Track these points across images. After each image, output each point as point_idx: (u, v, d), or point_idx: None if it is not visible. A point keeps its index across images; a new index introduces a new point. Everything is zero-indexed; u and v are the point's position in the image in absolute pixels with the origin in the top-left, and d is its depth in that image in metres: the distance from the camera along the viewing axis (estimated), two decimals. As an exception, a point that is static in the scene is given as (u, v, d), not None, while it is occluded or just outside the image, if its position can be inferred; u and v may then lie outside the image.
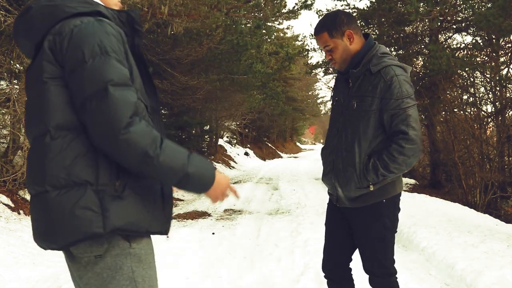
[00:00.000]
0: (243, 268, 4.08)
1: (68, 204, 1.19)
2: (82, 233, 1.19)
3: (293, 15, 11.75)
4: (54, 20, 1.27)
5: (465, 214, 6.84)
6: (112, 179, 1.23)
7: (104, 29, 1.24)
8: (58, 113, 1.22)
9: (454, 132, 10.89)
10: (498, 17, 7.67)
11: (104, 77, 1.18)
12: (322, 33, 2.03)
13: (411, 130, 1.92)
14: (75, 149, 1.21)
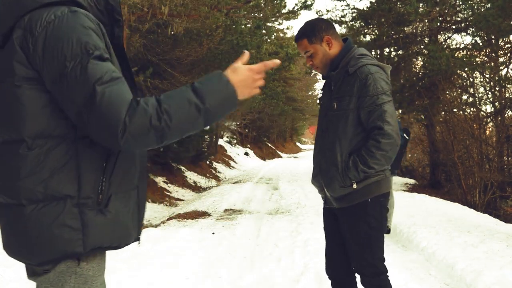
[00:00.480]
0: (243, 268, 4.09)
1: (46, 220, 1.08)
2: (60, 252, 1.10)
3: (293, 15, 11.76)
4: (22, 10, 1.10)
5: (464, 214, 6.85)
6: (95, 191, 1.12)
7: (81, 23, 1.09)
8: (35, 121, 1.08)
9: (454, 132, 10.91)
10: (497, 17, 7.68)
11: (90, 79, 1.05)
12: (302, 40, 2.14)
13: (387, 125, 1.98)
14: (54, 160, 1.08)
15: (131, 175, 1.21)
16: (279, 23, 18.51)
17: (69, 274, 1.14)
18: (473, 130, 10.49)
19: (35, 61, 1.07)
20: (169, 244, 4.78)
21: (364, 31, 14.10)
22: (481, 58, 10.76)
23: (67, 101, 1.07)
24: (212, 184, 14.09)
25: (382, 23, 12.82)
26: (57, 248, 1.09)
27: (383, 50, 14.49)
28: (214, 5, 8.29)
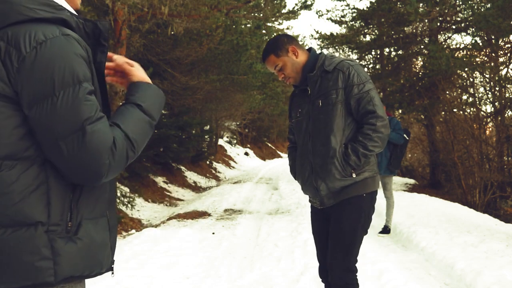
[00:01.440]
0: (243, 268, 4.10)
1: (15, 246, 1.01)
2: (30, 280, 1.03)
3: (293, 16, 11.77)
4: (6, 21, 1.04)
5: (464, 214, 6.85)
6: (64, 218, 1.06)
7: (74, 50, 1.05)
8: (5, 142, 1.02)
9: (454, 132, 10.91)
10: (497, 17, 7.69)
11: (80, 116, 1.01)
12: (269, 56, 2.22)
13: (378, 109, 2.10)
14: (24, 183, 1.02)
15: (102, 202, 1.18)
16: (279, 23, 18.52)
17: None
18: (473, 130, 10.50)
19: (17, 79, 1.01)
20: (169, 244, 4.78)
21: (364, 31, 14.10)
22: (481, 58, 10.77)
23: (44, 128, 1.02)
24: (212, 184, 14.09)
25: (382, 23, 12.83)
26: (27, 276, 1.03)
27: (383, 50, 14.49)
28: (214, 5, 8.29)
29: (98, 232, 1.14)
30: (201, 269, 4.02)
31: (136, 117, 1.15)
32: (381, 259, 4.14)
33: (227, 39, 9.75)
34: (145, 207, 8.99)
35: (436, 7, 10.42)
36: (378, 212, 6.70)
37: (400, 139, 5.26)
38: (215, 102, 14.53)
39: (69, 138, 1.01)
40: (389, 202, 5.43)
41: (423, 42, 12.83)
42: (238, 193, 9.80)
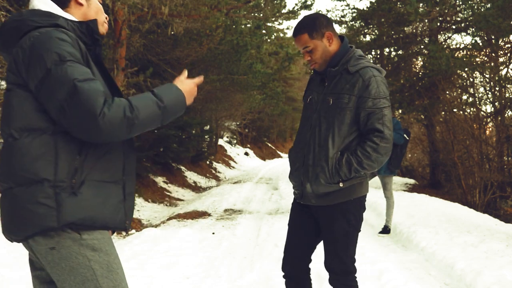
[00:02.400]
0: (243, 268, 4.10)
1: (26, 199, 1.29)
2: (38, 226, 1.29)
3: (293, 16, 11.76)
4: (19, 33, 1.38)
5: (464, 214, 6.85)
6: (69, 176, 1.32)
7: (58, 36, 1.33)
8: (19, 117, 1.33)
9: (454, 132, 10.91)
10: (497, 17, 7.69)
11: (69, 78, 1.27)
12: (302, 34, 2.07)
13: (386, 129, 1.99)
14: (35, 149, 1.31)
15: (114, 169, 1.42)
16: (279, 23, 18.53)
17: (77, 246, 1.33)
18: (473, 130, 10.50)
19: (22, 69, 1.32)
20: (169, 244, 4.78)
21: (364, 31, 14.10)
22: (481, 58, 10.77)
23: (50, 99, 1.29)
24: (212, 184, 14.09)
25: (382, 23, 12.82)
26: (35, 222, 1.29)
27: (383, 50, 14.49)
28: (214, 5, 8.28)
29: (103, 191, 1.37)
30: (201, 269, 4.02)
31: (145, 95, 1.38)
32: (381, 259, 4.14)
33: (227, 39, 9.75)
34: (145, 207, 8.99)
35: (436, 7, 10.42)
36: (378, 212, 6.71)
37: (400, 139, 5.26)
38: (215, 102, 14.54)
39: (68, 98, 1.26)
40: (389, 202, 5.43)
41: (423, 42, 12.83)
42: (238, 193, 9.80)
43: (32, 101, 1.33)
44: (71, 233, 1.33)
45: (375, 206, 7.04)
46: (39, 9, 1.42)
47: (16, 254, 4.14)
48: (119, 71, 7.38)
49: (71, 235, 1.33)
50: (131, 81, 7.67)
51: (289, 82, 30.45)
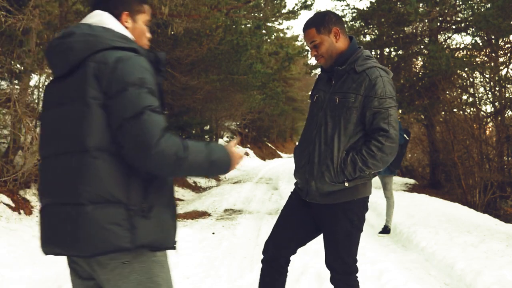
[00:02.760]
0: (243, 268, 4.10)
1: (102, 218, 1.32)
2: (112, 245, 1.33)
3: (292, 16, 11.76)
4: (94, 48, 1.40)
5: (464, 214, 6.85)
6: (140, 200, 1.38)
7: (142, 64, 1.41)
8: (98, 135, 1.34)
9: (454, 132, 10.91)
10: (497, 17, 7.68)
11: (141, 103, 1.34)
12: (310, 28, 2.12)
13: (392, 129, 2.00)
14: (111, 170, 1.35)
15: (168, 195, 1.50)
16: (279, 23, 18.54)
17: (150, 262, 1.42)
18: (473, 130, 10.49)
19: (104, 83, 1.36)
20: (169, 244, 4.78)
21: (364, 31, 14.10)
22: (481, 58, 10.76)
23: (115, 113, 1.34)
24: (212, 184, 14.09)
25: (382, 23, 12.82)
26: (110, 242, 1.33)
27: (383, 50, 14.48)
28: (214, 5, 8.29)
29: (165, 215, 1.45)
30: (201, 269, 4.02)
31: (199, 143, 1.46)
32: (381, 259, 4.15)
33: (227, 39, 9.75)
34: (145, 207, 9.01)
35: (436, 7, 10.42)
36: (378, 212, 6.71)
37: (401, 139, 5.26)
38: (215, 102, 14.53)
39: (132, 119, 1.32)
40: (389, 202, 5.43)
41: (423, 42, 12.82)
42: (238, 193, 9.80)
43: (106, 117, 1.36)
44: (148, 251, 1.41)
45: (375, 206, 7.04)
46: (112, 29, 1.47)
47: (16, 254, 4.14)
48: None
49: (147, 252, 1.41)
50: (131, 81, 7.66)
51: (289, 82, 30.44)
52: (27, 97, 6.27)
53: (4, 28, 5.30)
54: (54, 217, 1.39)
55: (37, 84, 6.63)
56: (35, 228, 5.19)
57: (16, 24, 5.44)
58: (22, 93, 5.94)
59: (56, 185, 1.39)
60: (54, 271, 3.88)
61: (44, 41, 6.33)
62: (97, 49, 1.40)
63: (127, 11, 1.54)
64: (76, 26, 1.46)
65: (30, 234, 4.88)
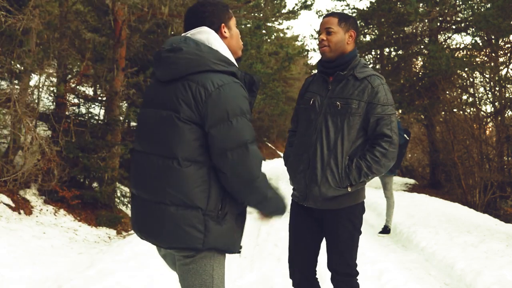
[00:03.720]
0: (243, 268, 4.09)
1: (182, 219, 1.51)
2: (186, 244, 1.53)
3: (293, 16, 11.75)
4: (196, 68, 1.52)
5: (464, 214, 6.85)
6: (217, 208, 1.55)
7: (241, 93, 1.54)
8: (187, 147, 1.50)
9: (454, 132, 10.91)
10: (497, 17, 7.69)
11: (244, 136, 1.51)
12: (334, 17, 2.15)
13: (394, 135, 2.08)
14: (195, 179, 1.51)
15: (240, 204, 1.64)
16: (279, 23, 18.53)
17: (209, 258, 1.58)
18: (473, 130, 10.49)
19: (203, 108, 1.48)
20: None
21: (364, 31, 14.10)
22: (481, 58, 10.76)
23: (217, 141, 1.49)
24: (212, 184, 14.07)
25: (382, 23, 12.82)
26: (185, 241, 1.52)
27: (383, 50, 14.49)
28: (214, 5, 8.27)
29: (236, 223, 1.62)
30: (201, 269, 4.02)
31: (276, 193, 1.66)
32: (381, 259, 4.15)
33: (227, 39, 9.74)
34: (145, 207, 9.01)
35: (436, 7, 10.42)
36: (378, 212, 6.71)
37: (401, 139, 5.26)
38: (215, 102, 14.51)
39: (235, 150, 1.49)
40: (389, 202, 5.43)
41: (423, 42, 12.82)
42: (238, 193, 9.79)
43: (200, 137, 1.51)
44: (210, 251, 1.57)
45: (375, 206, 7.04)
46: (217, 51, 1.58)
47: (16, 254, 4.14)
48: (119, 71, 7.38)
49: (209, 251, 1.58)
50: (131, 81, 7.67)
51: (289, 82, 30.42)
52: (27, 97, 6.26)
53: (4, 28, 5.30)
54: (143, 210, 1.60)
55: (37, 84, 6.63)
56: (35, 228, 5.19)
57: (16, 24, 5.44)
58: (22, 93, 5.94)
59: (146, 181, 1.58)
60: (54, 271, 3.88)
61: (44, 41, 6.33)
62: (199, 70, 1.52)
63: (223, 23, 1.66)
64: (185, 42, 1.57)
65: (30, 234, 4.88)
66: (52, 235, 5.17)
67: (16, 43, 5.67)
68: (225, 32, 1.66)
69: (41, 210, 5.83)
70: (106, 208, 6.88)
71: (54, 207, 6.04)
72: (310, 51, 16.58)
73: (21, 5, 5.86)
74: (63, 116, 6.64)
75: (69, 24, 7.03)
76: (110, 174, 6.75)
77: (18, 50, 5.71)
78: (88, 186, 7.10)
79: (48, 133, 6.89)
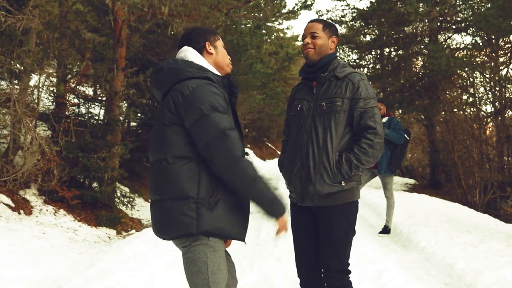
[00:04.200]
0: (243, 268, 4.09)
1: (176, 210, 1.70)
2: (182, 231, 1.71)
3: (293, 15, 11.75)
4: (176, 79, 1.77)
5: (464, 214, 6.85)
6: (208, 195, 1.71)
7: (212, 91, 1.73)
8: (174, 147, 1.71)
9: (454, 132, 10.91)
10: (498, 17, 7.68)
11: (220, 125, 1.68)
12: (318, 23, 2.29)
13: (378, 126, 2.17)
14: (185, 173, 1.70)
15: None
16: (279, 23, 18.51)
17: (203, 246, 1.73)
18: (473, 130, 10.50)
19: (181, 110, 1.71)
20: (169, 244, 4.77)
21: (364, 31, 14.10)
22: (481, 58, 10.76)
23: (200, 135, 1.69)
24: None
25: (382, 23, 12.83)
26: (180, 229, 1.70)
27: (383, 50, 14.49)
28: (214, 5, 8.28)
29: (230, 210, 1.76)
30: (201, 269, 4.01)
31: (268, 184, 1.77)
32: (381, 259, 4.14)
33: (227, 39, 9.74)
34: (145, 207, 8.99)
35: (436, 7, 10.42)
36: (378, 212, 6.71)
37: (401, 139, 5.25)
38: (215, 102, 14.51)
39: (215, 138, 1.67)
40: (389, 202, 5.42)
41: (423, 42, 12.82)
42: (238, 193, 9.79)
43: (185, 136, 1.71)
44: (203, 237, 1.73)
45: (375, 206, 7.04)
46: (192, 62, 1.82)
47: (16, 254, 4.14)
48: (119, 71, 7.38)
49: (202, 238, 1.73)
50: (131, 81, 7.66)
51: (289, 82, 30.39)
52: (27, 97, 6.26)
53: (4, 28, 5.30)
54: (152, 210, 1.82)
55: (37, 84, 6.63)
56: (35, 228, 5.19)
57: (16, 24, 5.44)
58: (22, 93, 5.94)
59: (151, 185, 1.81)
60: (54, 271, 3.88)
61: (44, 41, 6.33)
62: (179, 79, 1.77)
63: (207, 41, 1.90)
64: (165, 62, 1.84)
65: (30, 234, 4.88)
66: (52, 235, 5.17)
67: (16, 43, 5.67)
68: (210, 49, 1.89)
69: (41, 210, 5.83)
70: (106, 208, 6.88)
71: (54, 207, 6.04)
72: (310, 51, 16.56)
73: (21, 5, 5.86)
74: (63, 116, 6.64)
75: (69, 24, 7.03)
76: (110, 174, 6.75)
77: (18, 50, 5.70)
78: (88, 186, 7.10)
79: (48, 133, 6.89)
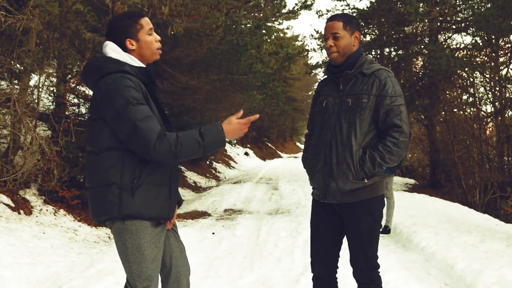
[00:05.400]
0: (243, 268, 4.09)
1: (102, 195, 1.83)
2: (107, 214, 1.84)
3: (293, 15, 11.75)
4: (98, 75, 1.86)
5: (464, 214, 6.85)
6: (131, 181, 1.82)
7: (125, 84, 1.80)
8: (99, 140, 1.84)
9: (454, 132, 10.91)
10: (498, 17, 7.68)
11: (132, 118, 1.76)
12: (338, 21, 2.20)
13: (404, 125, 2.14)
14: (109, 162, 1.82)
15: (163, 177, 1.90)
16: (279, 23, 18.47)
17: (121, 229, 1.86)
18: (473, 130, 10.49)
19: (100, 106, 1.83)
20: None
21: (364, 31, 14.09)
22: (481, 58, 10.75)
23: (118, 130, 1.80)
24: (212, 184, 14.09)
25: (382, 23, 12.81)
26: (105, 212, 1.84)
27: (383, 50, 14.47)
28: (214, 5, 8.28)
29: (154, 192, 1.86)
30: (201, 269, 4.02)
31: (191, 133, 1.83)
32: (381, 259, 4.14)
33: (227, 39, 9.74)
34: (145, 207, 9.01)
35: (436, 7, 10.41)
36: (378, 212, 6.70)
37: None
38: (215, 102, 14.51)
39: (130, 133, 1.77)
40: (389, 202, 5.42)
41: (423, 42, 12.81)
42: (238, 193, 9.80)
43: (108, 129, 1.82)
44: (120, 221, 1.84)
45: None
46: (110, 57, 1.89)
47: (16, 254, 4.14)
48: (119, 71, 7.37)
49: (119, 222, 1.85)
50: (131, 81, 7.66)
51: (289, 82, 30.42)
52: (27, 97, 6.26)
53: (4, 28, 5.29)
54: (88, 198, 1.95)
55: (37, 84, 6.62)
56: (35, 228, 5.19)
57: (16, 24, 5.43)
58: (22, 93, 5.94)
59: (85, 175, 1.96)
60: (54, 271, 3.88)
61: (44, 41, 6.32)
62: (100, 76, 1.85)
63: (128, 38, 1.91)
64: (90, 59, 1.88)
65: (30, 234, 4.88)
66: (52, 235, 5.17)
67: (16, 43, 5.67)
68: (132, 45, 1.92)
69: (41, 210, 5.82)
70: (106, 208, 6.88)
71: (54, 207, 6.04)
72: (310, 51, 16.58)
73: (21, 5, 5.86)
74: (63, 116, 6.63)
75: (69, 24, 7.02)
76: (110, 174, 6.74)
77: (18, 50, 5.70)
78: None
79: (48, 133, 6.88)
